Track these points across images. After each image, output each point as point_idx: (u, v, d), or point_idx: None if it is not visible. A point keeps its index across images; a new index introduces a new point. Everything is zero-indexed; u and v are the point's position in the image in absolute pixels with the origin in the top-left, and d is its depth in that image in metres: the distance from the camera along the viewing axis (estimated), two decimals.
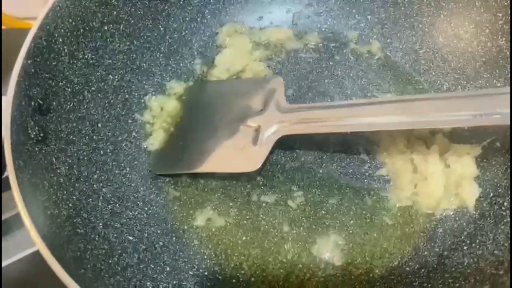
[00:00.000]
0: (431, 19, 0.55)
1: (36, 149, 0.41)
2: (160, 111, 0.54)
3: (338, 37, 0.59)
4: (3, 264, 0.50)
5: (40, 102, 0.43)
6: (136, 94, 0.54)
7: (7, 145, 0.38)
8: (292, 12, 0.60)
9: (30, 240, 0.48)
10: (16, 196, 0.35)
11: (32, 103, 0.42)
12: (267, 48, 0.59)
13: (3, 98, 0.42)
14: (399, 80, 0.55)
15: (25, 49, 0.43)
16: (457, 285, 0.39)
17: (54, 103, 0.44)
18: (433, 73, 0.54)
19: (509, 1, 0.48)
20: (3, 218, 0.53)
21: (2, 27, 0.82)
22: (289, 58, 0.58)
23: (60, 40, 0.46)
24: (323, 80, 0.56)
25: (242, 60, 0.58)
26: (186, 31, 0.58)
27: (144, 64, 0.55)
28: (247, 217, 0.48)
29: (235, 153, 0.49)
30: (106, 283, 0.36)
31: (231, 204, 0.49)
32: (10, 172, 0.37)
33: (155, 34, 0.55)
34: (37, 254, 0.49)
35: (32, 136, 0.41)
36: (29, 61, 0.42)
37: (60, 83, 0.46)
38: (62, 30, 0.46)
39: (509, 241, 0.39)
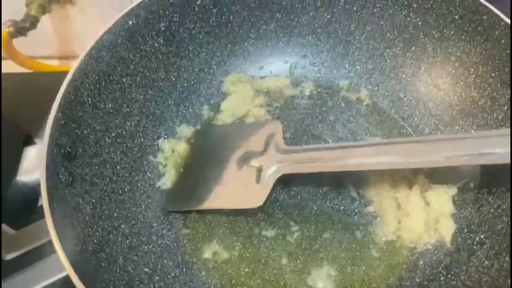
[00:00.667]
0: (413, 70, 0.62)
1: (66, 192, 0.47)
2: (171, 153, 0.60)
3: (331, 85, 0.66)
4: None
5: (69, 149, 0.49)
6: (150, 138, 0.60)
7: (44, 190, 0.44)
8: (289, 62, 0.67)
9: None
10: (53, 235, 0.41)
11: (62, 150, 0.48)
12: (267, 95, 0.66)
13: (38, 145, 0.48)
14: (385, 125, 0.62)
15: (56, 104, 0.49)
16: None
17: (80, 149, 0.50)
18: (416, 118, 0.61)
19: (478, 58, 0.55)
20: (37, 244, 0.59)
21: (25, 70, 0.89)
22: (287, 103, 0.65)
23: (85, 93, 0.52)
24: (317, 124, 0.62)
25: (245, 106, 0.64)
26: (195, 80, 0.64)
27: (157, 111, 0.61)
28: (249, 250, 0.53)
29: (240, 191, 0.55)
30: None
31: (235, 238, 0.54)
32: (46, 213, 0.42)
33: (167, 84, 0.62)
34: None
35: (63, 181, 0.47)
36: (59, 114, 0.48)
37: (85, 131, 0.52)
38: (87, 85, 0.52)
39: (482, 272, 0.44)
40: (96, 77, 0.53)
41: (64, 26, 0.92)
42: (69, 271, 0.39)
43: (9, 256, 0.60)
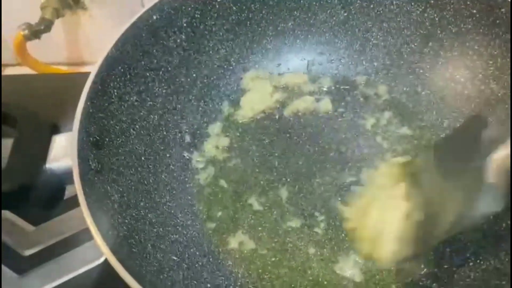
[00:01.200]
0: (430, 65, 0.63)
1: (96, 178, 0.47)
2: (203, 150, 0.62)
3: (348, 81, 0.67)
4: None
5: (97, 137, 0.49)
6: (172, 131, 0.60)
7: (76, 175, 0.44)
8: (307, 59, 0.68)
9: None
10: (88, 219, 0.41)
11: (91, 138, 0.48)
12: (285, 91, 0.67)
13: (67, 134, 0.48)
14: (404, 118, 0.62)
15: (85, 93, 0.50)
16: None
17: (107, 139, 0.51)
18: (434, 112, 0.62)
19: (497, 51, 0.56)
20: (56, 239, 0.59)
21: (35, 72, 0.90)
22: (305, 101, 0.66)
23: (111, 84, 0.53)
24: (336, 118, 0.63)
25: (264, 101, 0.65)
26: (215, 77, 0.65)
27: (179, 105, 0.61)
28: (275, 240, 0.53)
29: None
30: None
31: (260, 229, 0.54)
32: (80, 197, 0.42)
33: (188, 80, 0.63)
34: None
35: (92, 167, 0.47)
36: (88, 103, 0.49)
37: (111, 122, 0.52)
38: (113, 76, 0.53)
39: None
40: (122, 70, 0.54)
41: (74, 32, 0.93)
42: (106, 252, 0.39)
43: (27, 252, 0.60)
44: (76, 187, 0.43)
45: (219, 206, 0.57)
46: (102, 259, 0.59)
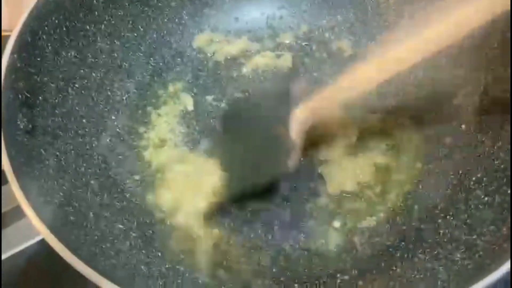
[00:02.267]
0: (395, 17, 0.59)
1: (25, 139, 0.41)
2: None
3: (310, 36, 0.62)
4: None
5: (27, 95, 0.44)
6: (118, 92, 0.55)
7: (2, 134, 0.38)
8: (266, 14, 0.63)
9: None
10: (11, 179, 0.36)
11: (19, 96, 0.43)
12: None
13: None
14: None
15: (11, 44, 0.44)
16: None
17: (40, 97, 0.45)
18: None
19: None
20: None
21: None
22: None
23: (44, 37, 0.47)
24: (300, 75, 0.59)
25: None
26: (165, 32, 0.59)
27: (125, 64, 0.56)
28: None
29: None
30: (102, 264, 0.36)
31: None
32: (4, 160, 0.37)
33: (135, 35, 0.57)
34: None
35: (21, 127, 0.42)
36: (15, 55, 0.43)
37: (45, 79, 0.46)
38: (46, 28, 0.47)
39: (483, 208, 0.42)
40: (56, 21, 0.48)
41: None
42: (31, 216, 0.34)
43: None
44: (2, 150, 0.38)
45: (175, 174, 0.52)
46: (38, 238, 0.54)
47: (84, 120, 0.50)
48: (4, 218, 0.51)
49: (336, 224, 0.48)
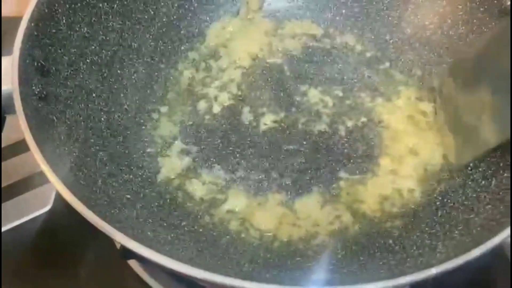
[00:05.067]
0: (399, 12, 0.61)
1: (40, 105, 0.43)
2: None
3: (316, 28, 0.64)
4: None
5: (42, 63, 0.45)
6: (127, 70, 0.56)
7: (16, 96, 0.39)
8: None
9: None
10: (27, 135, 0.37)
11: (35, 63, 0.44)
12: None
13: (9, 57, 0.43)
14: (371, 67, 0.60)
15: (28, 13, 0.45)
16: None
17: (53, 68, 0.46)
18: (402, 60, 0.60)
19: None
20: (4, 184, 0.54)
21: None
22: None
23: (59, 10, 0.48)
24: (303, 64, 0.60)
25: None
26: (174, 17, 0.61)
27: (135, 44, 0.57)
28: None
29: None
30: (112, 226, 0.37)
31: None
32: (20, 118, 0.38)
33: (145, 17, 0.58)
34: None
35: (36, 92, 0.43)
36: (32, 24, 0.44)
37: (59, 51, 0.48)
38: (62, 1, 0.48)
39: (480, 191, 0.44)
40: None
41: None
42: (44, 168, 0.35)
43: None
44: (16, 109, 0.39)
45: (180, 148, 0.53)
46: (48, 207, 0.54)
47: (93, 94, 0.51)
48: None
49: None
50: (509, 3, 0.51)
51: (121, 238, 0.33)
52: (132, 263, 0.50)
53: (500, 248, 0.49)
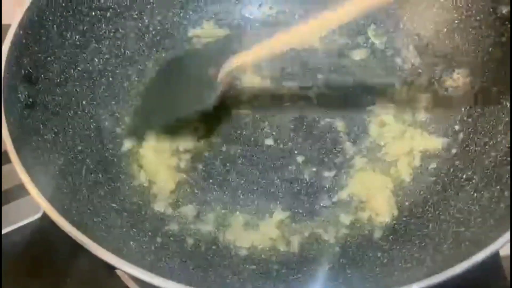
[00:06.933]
0: (395, 22, 0.60)
1: (25, 112, 0.42)
2: None
3: None
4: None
5: (30, 70, 0.45)
6: (119, 78, 0.56)
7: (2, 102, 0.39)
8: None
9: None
10: (8, 143, 0.36)
11: (22, 70, 0.44)
12: None
13: None
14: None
15: (17, 21, 0.45)
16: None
17: (43, 75, 0.46)
18: (397, 68, 0.59)
19: (463, 3, 0.54)
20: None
21: None
22: None
23: (50, 18, 0.48)
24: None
25: None
26: (169, 25, 0.61)
27: (128, 52, 0.57)
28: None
29: None
30: (95, 235, 0.37)
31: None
32: (2, 125, 0.38)
33: (139, 25, 0.58)
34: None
35: (22, 100, 0.43)
36: (20, 32, 0.44)
37: (48, 58, 0.48)
38: (53, 9, 0.48)
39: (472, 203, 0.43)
40: (63, 4, 0.50)
41: None
42: (23, 177, 0.35)
43: None
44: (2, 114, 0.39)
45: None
46: (38, 215, 0.54)
47: (84, 102, 0.51)
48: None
49: None
50: (505, 11, 0.50)
51: (102, 254, 0.33)
52: (120, 272, 0.50)
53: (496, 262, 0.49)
